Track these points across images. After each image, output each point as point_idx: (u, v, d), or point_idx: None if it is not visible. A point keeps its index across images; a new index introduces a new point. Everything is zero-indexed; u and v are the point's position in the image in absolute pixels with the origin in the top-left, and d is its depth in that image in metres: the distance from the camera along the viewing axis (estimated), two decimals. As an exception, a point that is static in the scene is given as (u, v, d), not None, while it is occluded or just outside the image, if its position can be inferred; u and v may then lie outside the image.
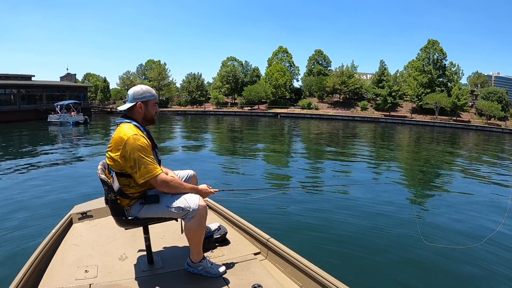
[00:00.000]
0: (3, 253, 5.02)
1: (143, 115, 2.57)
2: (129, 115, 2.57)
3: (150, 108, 2.58)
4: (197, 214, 2.42)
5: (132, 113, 2.57)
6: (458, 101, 50.83)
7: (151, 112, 2.59)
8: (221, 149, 18.87)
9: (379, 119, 52.64)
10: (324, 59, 70.61)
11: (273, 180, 10.55)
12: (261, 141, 23.03)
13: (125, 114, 2.59)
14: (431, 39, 58.13)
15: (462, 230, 6.48)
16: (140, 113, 2.56)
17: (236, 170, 12.11)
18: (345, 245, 5.54)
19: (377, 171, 12.93)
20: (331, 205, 7.63)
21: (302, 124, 43.08)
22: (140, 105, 2.54)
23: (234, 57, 71.11)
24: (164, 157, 14.42)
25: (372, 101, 60.63)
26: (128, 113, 2.58)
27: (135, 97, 2.55)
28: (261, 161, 14.78)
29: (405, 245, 5.69)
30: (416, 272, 4.84)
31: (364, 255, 5.23)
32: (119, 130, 2.44)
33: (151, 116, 2.60)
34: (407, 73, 60.34)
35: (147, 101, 2.56)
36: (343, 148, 20.12)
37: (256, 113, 58.92)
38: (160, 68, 66.46)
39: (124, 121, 2.52)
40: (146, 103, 2.56)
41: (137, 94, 2.56)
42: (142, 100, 2.54)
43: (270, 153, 17.65)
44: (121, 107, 2.59)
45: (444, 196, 9.53)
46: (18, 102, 45.01)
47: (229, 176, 10.96)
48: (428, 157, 18.02)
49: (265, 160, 15.19)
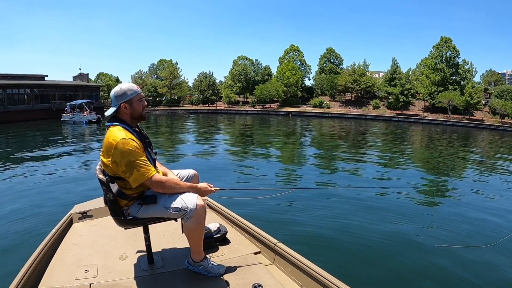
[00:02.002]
0: (3, 252, 5.06)
1: (130, 115, 2.50)
2: (118, 117, 2.50)
3: (136, 106, 2.50)
4: (195, 214, 2.39)
5: (120, 114, 2.50)
6: (471, 100, 50.23)
7: (137, 110, 2.51)
8: (230, 148, 19.00)
9: (391, 118, 52.39)
10: (336, 58, 70.30)
11: (278, 180, 10.42)
12: (271, 141, 23.10)
13: (114, 116, 2.52)
14: (444, 37, 57.50)
15: (473, 231, 6.46)
16: (126, 114, 2.49)
17: (243, 169, 12.17)
18: (345, 245, 5.56)
19: (387, 172, 12.91)
20: (333, 205, 7.63)
21: (313, 123, 43.04)
22: (124, 106, 2.47)
23: (246, 56, 71.34)
24: (171, 155, 15.24)
25: (384, 99, 60.15)
26: (116, 115, 2.51)
27: (116, 99, 2.49)
28: (270, 160, 14.73)
29: (407, 245, 5.69)
30: (418, 272, 4.85)
31: (365, 255, 5.25)
32: (108, 135, 2.39)
33: (139, 113, 2.53)
34: (420, 71, 59.75)
35: (130, 100, 2.48)
36: (355, 148, 20.11)
37: (268, 111, 59.05)
38: (172, 67, 66.82)
39: (113, 124, 2.45)
40: (130, 102, 2.48)
41: (118, 95, 2.48)
42: (124, 101, 2.46)
43: (279, 152, 17.76)
44: (107, 112, 2.54)
45: (457, 195, 9.47)
46: (32, 101, 46.07)
47: (235, 175, 10.99)
48: (442, 157, 17.92)
49: (274, 159, 15.16)
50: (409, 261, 5.19)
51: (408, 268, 5.00)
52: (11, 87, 44.17)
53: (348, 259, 5.12)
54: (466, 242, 5.72)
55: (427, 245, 5.68)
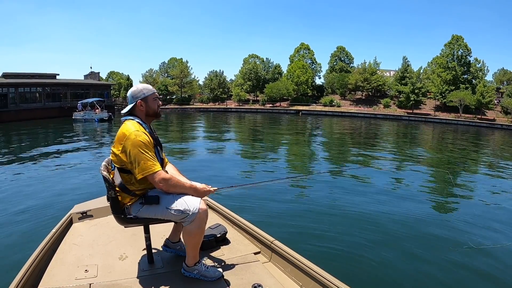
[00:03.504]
0: (3, 252, 5.07)
1: (145, 112, 2.62)
2: (134, 113, 2.63)
3: (151, 104, 2.63)
4: (197, 218, 2.40)
5: (135, 112, 2.62)
6: (482, 99, 49.50)
7: (152, 108, 2.64)
8: (237, 147, 19.06)
9: (402, 117, 51.98)
10: (347, 56, 70.29)
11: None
12: (280, 140, 22.85)
13: (130, 113, 2.65)
14: (455, 35, 56.76)
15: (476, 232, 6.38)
16: (142, 111, 2.61)
17: (247, 167, 12.12)
18: (346, 245, 5.55)
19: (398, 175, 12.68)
20: (335, 205, 7.62)
21: (323, 121, 43.00)
22: (140, 103, 2.60)
23: (256, 55, 71.54)
24: (179, 154, 15.41)
25: (395, 98, 59.79)
26: (132, 112, 2.64)
27: (133, 96, 2.62)
28: (279, 162, 14.18)
29: (409, 246, 5.68)
30: (419, 272, 4.85)
31: (366, 255, 5.23)
32: (123, 127, 2.51)
33: (154, 111, 2.66)
34: (431, 69, 59.27)
35: (146, 97, 2.61)
36: (364, 148, 19.86)
37: (278, 110, 59.15)
38: (182, 66, 67.36)
39: (128, 118, 2.58)
40: (146, 100, 2.61)
41: (135, 94, 2.62)
42: (141, 98, 2.60)
43: (287, 154, 17.49)
44: (123, 110, 2.66)
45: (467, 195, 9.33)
46: (43, 100, 47.20)
47: (238, 172, 10.95)
48: (454, 159, 17.74)
49: (282, 161, 14.67)
50: (409, 261, 5.19)
51: (409, 268, 5.00)
52: (23, 85, 45.33)
53: (348, 258, 5.12)
54: (469, 243, 5.69)
55: (428, 246, 5.69)
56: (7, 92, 42.97)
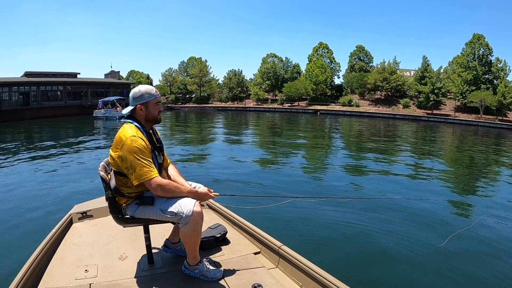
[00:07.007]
0: (3, 252, 5.10)
1: (145, 117, 2.56)
2: (133, 116, 2.58)
3: (151, 109, 2.56)
4: (191, 221, 2.39)
5: (135, 114, 2.57)
6: (504, 100, 48.52)
7: (152, 113, 2.57)
8: (252, 150, 18.58)
9: (421, 118, 51.48)
10: (366, 55, 69.92)
11: (287, 188, 9.53)
12: (296, 142, 22.16)
13: (130, 115, 2.60)
14: (477, 34, 55.58)
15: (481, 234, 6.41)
16: (141, 115, 2.55)
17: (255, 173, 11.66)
18: (346, 245, 5.62)
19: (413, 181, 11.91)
20: (336, 205, 7.59)
21: (341, 122, 42.86)
22: (140, 108, 2.54)
23: (274, 54, 71.97)
24: (187, 154, 15.65)
25: (414, 98, 59.10)
26: (132, 114, 2.59)
27: (134, 100, 2.56)
28: (289, 166, 13.64)
29: (410, 246, 5.72)
30: (419, 272, 4.91)
31: (366, 255, 5.30)
32: (121, 131, 2.47)
33: (154, 117, 2.59)
34: (451, 69, 58.40)
35: (147, 102, 2.54)
36: (381, 151, 19.22)
37: (296, 109, 59.39)
38: (201, 65, 68.14)
39: (127, 121, 2.54)
40: (146, 105, 2.54)
41: (135, 97, 2.55)
42: (141, 103, 2.53)
43: (302, 157, 16.93)
44: (123, 110, 2.62)
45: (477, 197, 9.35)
46: (64, 98, 48.51)
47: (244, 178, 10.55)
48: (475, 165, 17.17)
49: (293, 165, 13.93)
50: (405, 259, 5.28)
51: (404, 266, 5.10)
52: (44, 84, 46.74)
53: (348, 258, 5.19)
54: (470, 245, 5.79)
55: (428, 245, 5.76)
56: (29, 91, 44.41)
